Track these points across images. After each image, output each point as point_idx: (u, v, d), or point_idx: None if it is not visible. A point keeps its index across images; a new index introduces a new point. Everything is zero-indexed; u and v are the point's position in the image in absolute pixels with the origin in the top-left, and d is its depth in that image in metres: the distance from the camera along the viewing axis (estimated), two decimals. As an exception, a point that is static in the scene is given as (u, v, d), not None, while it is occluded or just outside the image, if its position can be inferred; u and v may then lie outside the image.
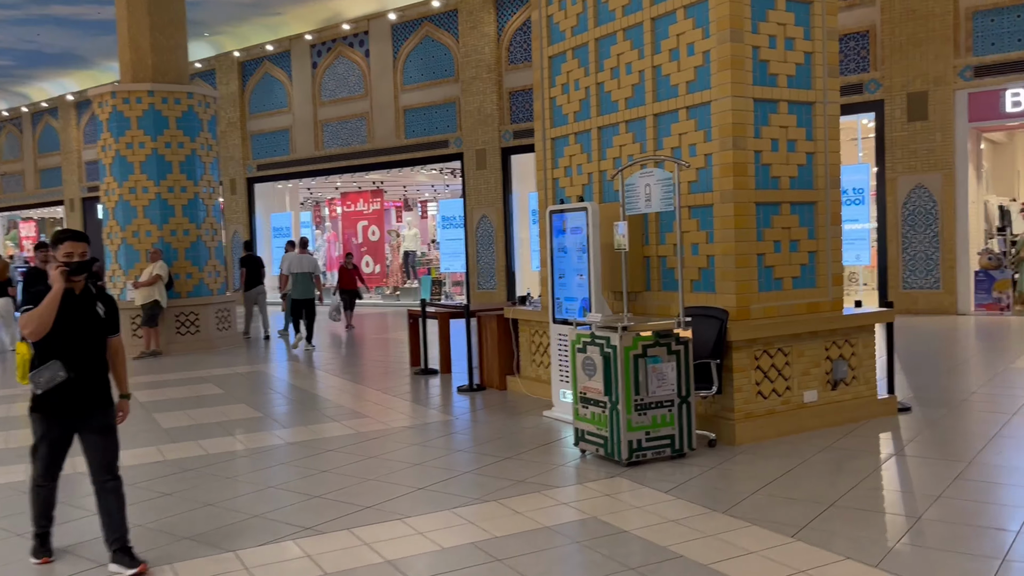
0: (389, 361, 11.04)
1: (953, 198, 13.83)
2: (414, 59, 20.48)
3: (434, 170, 21.37)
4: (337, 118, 22.24)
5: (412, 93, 20.62)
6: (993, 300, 13.62)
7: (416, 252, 21.84)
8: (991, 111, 13.54)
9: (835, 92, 6.63)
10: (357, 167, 21.83)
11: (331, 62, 22.19)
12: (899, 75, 14.18)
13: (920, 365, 8.91)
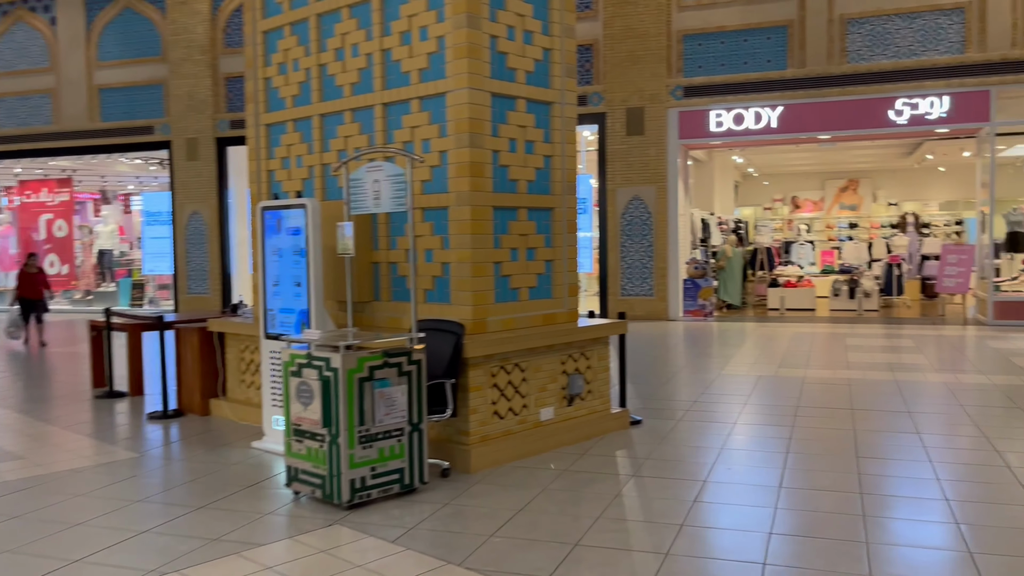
0: (69, 382, 9.25)
1: (665, 210, 14.61)
2: (112, 32, 18.02)
3: (138, 159, 18.96)
4: (14, 93, 18.98)
5: (110, 71, 18.12)
6: (698, 307, 14.58)
7: (114, 251, 19.24)
8: (698, 130, 14.49)
9: (572, 94, 6.33)
10: (39, 151, 18.78)
11: (8, 28, 18.90)
12: (619, 90, 14.73)
13: (644, 373, 9.04)
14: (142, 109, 17.92)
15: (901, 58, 13.32)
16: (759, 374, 8.86)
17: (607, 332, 6.43)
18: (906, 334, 12.18)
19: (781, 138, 14.23)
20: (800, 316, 15.30)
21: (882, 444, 5.89)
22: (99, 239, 19.14)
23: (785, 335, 12.26)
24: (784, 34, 13.90)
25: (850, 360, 9.66)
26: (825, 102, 13.74)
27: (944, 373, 8.72)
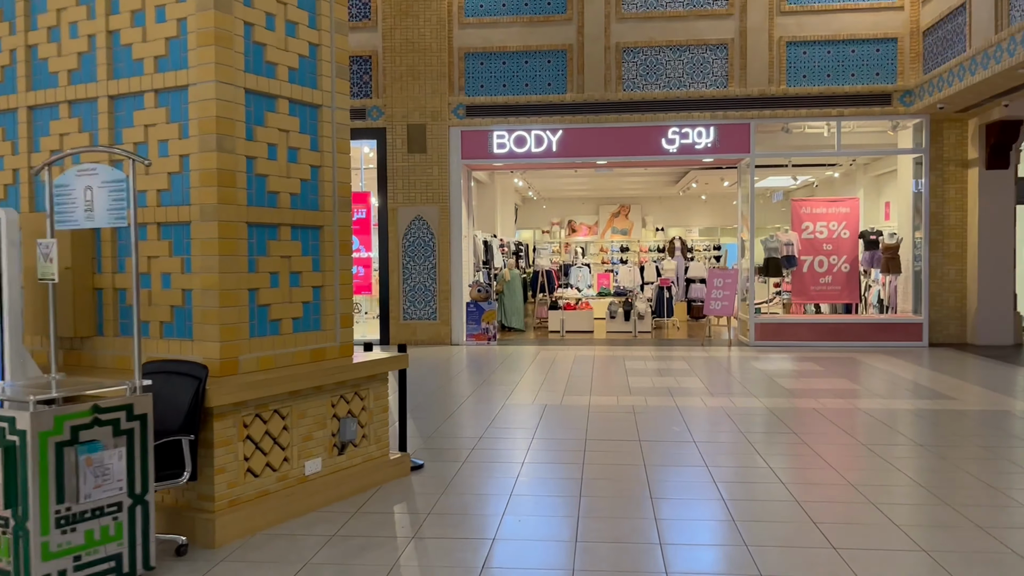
0: None
1: (449, 231, 14.15)
2: None
3: None
4: None
5: None
6: (482, 330, 14.22)
7: None
8: (481, 150, 14.20)
9: (345, 97, 5.59)
10: None
11: None
12: (400, 105, 14.12)
13: (427, 406, 8.40)
14: None
15: (672, 89, 13.82)
16: (545, 402, 8.52)
17: (386, 367, 5.71)
18: (679, 356, 12.51)
19: (561, 162, 14.27)
20: (580, 338, 15.41)
21: (674, 482, 5.64)
22: None
23: (567, 358, 12.16)
24: (564, 58, 13.98)
25: (632, 385, 9.61)
26: (603, 128, 13.95)
27: (719, 397, 8.84)
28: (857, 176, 17.86)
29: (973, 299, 13.53)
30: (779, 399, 8.67)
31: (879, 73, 13.43)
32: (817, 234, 14.41)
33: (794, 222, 14.56)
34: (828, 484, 5.48)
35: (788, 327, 13.91)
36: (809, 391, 9.16)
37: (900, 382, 9.95)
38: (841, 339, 13.63)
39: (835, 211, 14.44)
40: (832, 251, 14.35)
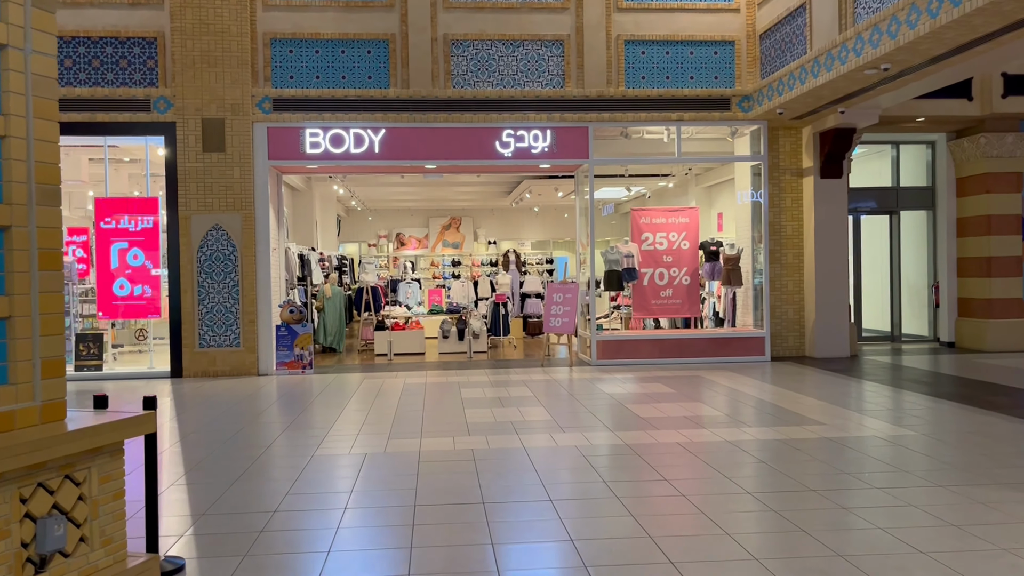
0: None
1: (254, 243, 12.21)
2: None
3: None
4: None
5: None
6: (295, 357, 12.35)
7: None
8: (292, 150, 12.38)
9: (49, 38, 3.81)
10: None
11: None
12: (193, 96, 12.05)
13: (208, 466, 6.57)
14: None
15: (506, 87, 12.63)
16: (365, 450, 6.93)
17: (119, 434, 3.93)
18: (519, 380, 11.26)
19: (385, 165, 12.71)
20: (410, 362, 13.87)
21: (532, 568, 4.25)
22: None
23: (395, 388, 10.59)
24: (386, 49, 12.46)
25: (470, 420, 8.20)
26: (431, 127, 12.54)
27: (571, 432, 7.61)
28: (689, 187, 17.51)
29: (811, 311, 13.24)
30: (637, 432, 7.55)
31: (718, 77, 12.88)
32: (657, 245, 13.69)
33: (633, 232, 13.77)
34: (732, 561, 4.29)
35: (630, 344, 13.04)
36: (666, 420, 8.12)
37: (755, 404, 9.17)
38: (685, 355, 12.92)
39: (675, 221, 13.78)
40: (673, 263, 13.67)
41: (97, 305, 12.33)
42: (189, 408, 9.67)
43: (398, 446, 7.06)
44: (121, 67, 12.03)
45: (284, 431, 7.86)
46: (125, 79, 12.05)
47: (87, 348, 12.19)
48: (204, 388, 10.98)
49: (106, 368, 12.30)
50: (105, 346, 13.99)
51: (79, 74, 11.97)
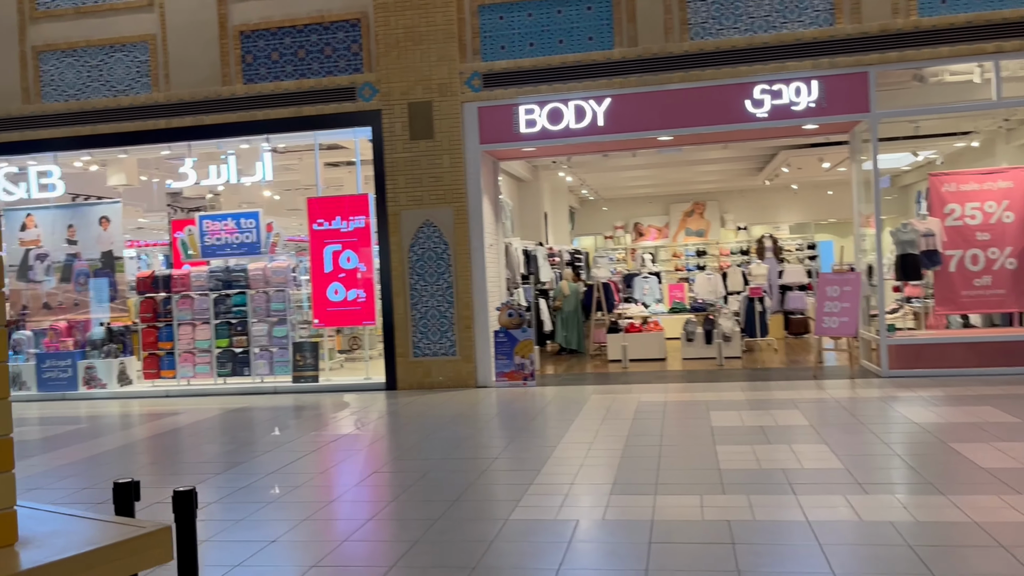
0: None
1: (467, 239, 10.83)
2: None
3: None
4: None
5: None
6: (515, 367, 10.80)
7: None
8: (504, 131, 10.85)
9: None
10: None
11: None
12: (398, 79, 10.90)
13: (360, 539, 5.04)
14: None
15: (757, 32, 10.21)
16: (576, 514, 5.06)
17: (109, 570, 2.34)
18: (786, 399, 8.85)
19: (611, 140, 10.79)
20: (647, 370, 11.86)
21: None
22: None
23: (627, 408, 8.65)
24: (608, 3, 10.53)
25: (724, 465, 6.05)
26: (665, 90, 10.43)
27: (877, 492, 5.22)
28: (997, 145, 13.79)
29: None
30: (983, 495, 5.00)
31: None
32: (967, 219, 10.53)
33: (933, 204, 10.71)
34: None
35: (935, 349, 10.07)
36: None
37: None
38: (1014, 364, 9.73)
39: (992, 187, 10.53)
40: (990, 241, 10.45)
41: (313, 312, 11.61)
42: (391, 431, 8.40)
43: (623, 508, 5.11)
44: (326, 55, 11.17)
45: (481, 476, 6.19)
46: (330, 67, 11.17)
47: (303, 358, 11.49)
48: (415, 404, 9.74)
49: (322, 379, 11.53)
50: (331, 353, 13.41)
51: (286, 67, 11.27)
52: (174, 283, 11.92)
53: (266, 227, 11.98)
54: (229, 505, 5.56)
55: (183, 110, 11.40)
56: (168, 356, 11.89)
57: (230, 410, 10.06)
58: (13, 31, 11.78)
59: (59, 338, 12.15)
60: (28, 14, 11.77)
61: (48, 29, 11.74)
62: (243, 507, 5.52)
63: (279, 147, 14.47)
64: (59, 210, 12.49)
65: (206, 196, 19.48)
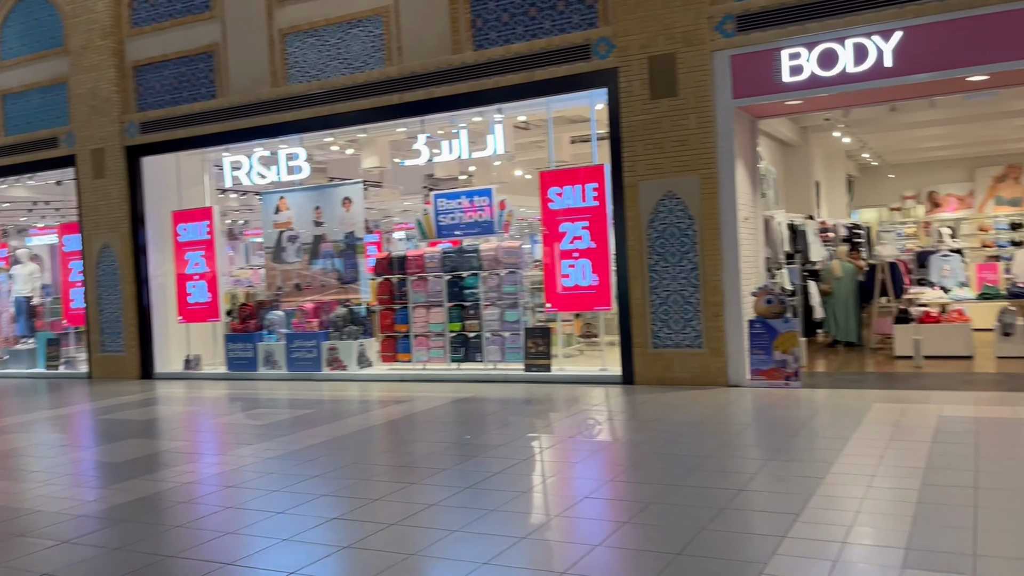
0: None
1: (716, 212, 9.26)
2: (15, 22, 14.31)
3: (50, 181, 15.14)
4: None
5: (13, 71, 14.40)
6: (775, 364, 9.08)
7: (31, 298, 15.49)
8: (763, 82, 9.10)
9: None
10: (-54, 178, 15.28)
11: (-91, 29, 15.56)
12: (637, 30, 9.55)
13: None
14: (46, 116, 14.08)
15: (1120, -78, 7.54)
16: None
17: None
18: None
19: (901, 84, 8.60)
20: (949, 370, 9.55)
21: None
22: (16, 283, 15.49)
23: (922, 427, 6.70)
24: (900, -90, 8.36)
25: (1080, 530, 4.13)
26: (979, 15, 8.10)
27: None
28: None
29: None
30: None
31: None
32: None
33: None
34: None
35: None
36: None
37: None
38: None
39: None
40: None
41: (545, 295, 10.68)
42: (622, 437, 7.19)
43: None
44: (558, 10, 10.08)
45: (719, 515, 4.76)
46: (563, 24, 10.07)
47: (535, 344, 10.60)
48: (652, 404, 8.43)
49: (555, 368, 10.57)
50: (569, 339, 12.46)
51: (516, 28, 10.35)
52: (408, 264, 11.57)
53: (499, 204, 11.22)
54: (448, 509, 4.68)
55: (414, 83, 10.91)
56: (404, 339, 11.59)
57: (460, 399, 9.42)
58: (262, 16, 12.00)
59: (306, 319, 12.32)
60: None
61: (292, 11, 11.80)
62: (459, 513, 4.63)
63: (519, 119, 13.74)
64: (308, 192, 12.65)
65: (457, 176, 19.49)
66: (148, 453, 7.32)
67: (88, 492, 6.01)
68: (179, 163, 13.32)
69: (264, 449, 7.15)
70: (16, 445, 8.07)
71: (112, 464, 6.95)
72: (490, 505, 5.09)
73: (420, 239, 11.92)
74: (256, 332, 12.63)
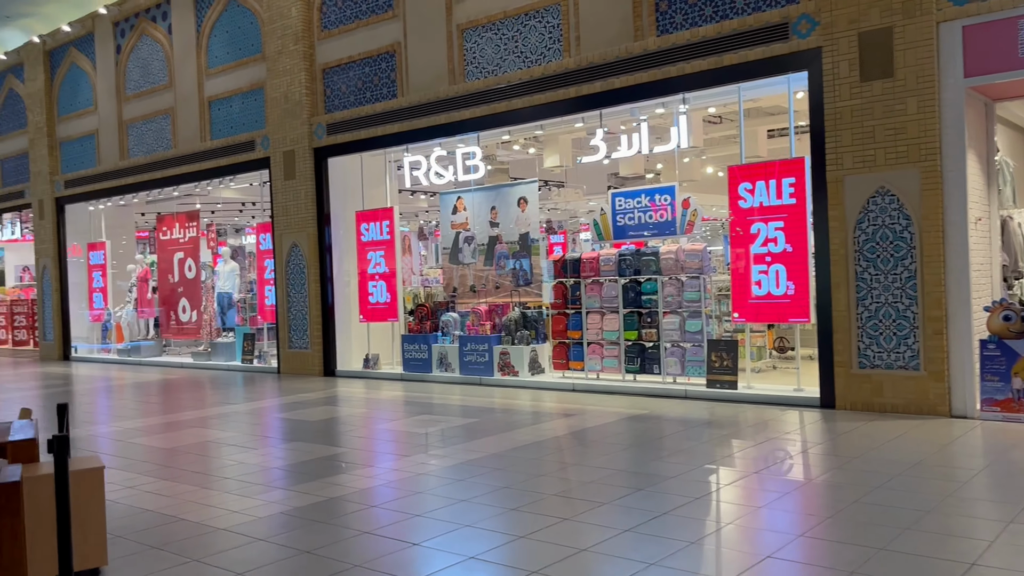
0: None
1: (941, 211, 7.88)
2: (220, 32, 15.15)
3: (254, 183, 15.90)
4: (142, 116, 16.96)
5: (218, 78, 15.25)
6: (1014, 393, 7.57)
7: (232, 294, 16.33)
8: (1004, 56, 7.62)
9: None
10: (161, 181, 16.49)
11: (135, 43, 16.97)
12: (844, 3, 8.33)
13: None
14: (245, 120, 14.77)
15: None
16: None
17: None
18: None
19: None
20: None
21: None
22: (220, 280, 16.40)
23: None
24: None
25: None
26: None
27: None
28: None
29: None
30: None
31: None
32: None
33: None
34: None
35: None
36: None
37: None
38: None
39: None
40: None
41: (732, 304, 9.65)
42: (818, 476, 6.14)
43: None
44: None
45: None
46: (758, 2, 9.02)
47: (719, 358, 9.61)
48: (857, 435, 7.26)
49: (741, 384, 9.52)
50: (760, 352, 11.33)
51: (704, 9, 9.41)
52: (583, 267, 10.92)
53: (683, 203, 10.32)
54: (599, 557, 4.04)
55: (592, 74, 10.24)
56: (576, 346, 10.96)
57: (635, 415, 8.67)
58: (441, 11, 11.80)
59: (479, 321, 12.01)
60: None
61: (471, 5, 11.51)
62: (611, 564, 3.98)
63: (709, 111, 12.74)
64: (484, 192, 12.34)
65: (644, 174, 18.61)
66: (327, 455, 7.31)
67: (273, 492, 6.03)
68: (363, 163, 13.47)
69: (434, 458, 7.00)
70: (207, 439, 8.27)
71: (294, 464, 6.98)
72: (649, 555, 4.33)
73: (597, 240, 11.24)
74: (432, 333, 12.49)
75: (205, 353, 15.99)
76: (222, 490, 6.15)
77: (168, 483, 6.44)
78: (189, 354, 16.63)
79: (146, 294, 17.62)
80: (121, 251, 18.80)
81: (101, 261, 18.43)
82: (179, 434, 8.62)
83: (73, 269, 18.94)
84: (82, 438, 8.60)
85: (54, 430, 8.63)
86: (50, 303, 19.17)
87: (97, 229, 18.79)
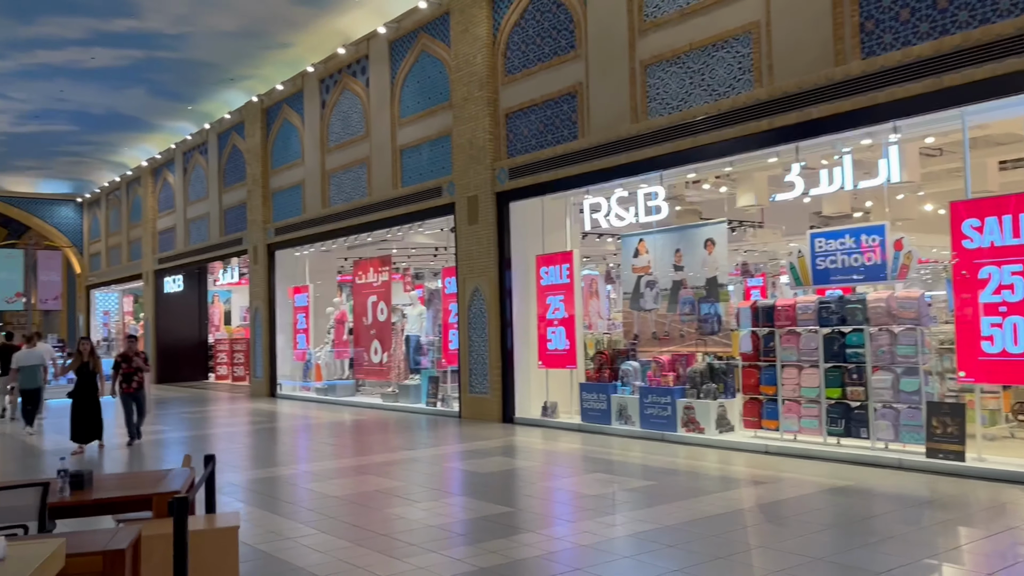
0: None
1: None
2: (411, 82, 15.65)
3: (444, 228, 16.10)
4: (342, 166, 17.84)
5: (409, 128, 15.73)
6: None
7: (420, 336, 16.54)
8: None
9: None
10: (357, 227, 17.16)
11: (337, 98, 17.94)
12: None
13: None
14: (433, 167, 15.04)
15: None
16: None
17: None
18: None
19: None
20: None
21: None
22: (408, 323, 16.67)
23: None
24: None
25: None
26: None
27: None
28: None
29: None
30: None
31: None
32: None
33: None
34: None
35: None
36: None
37: None
38: None
39: None
40: None
41: (957, 360, 8.28)
42: None
43: None
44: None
45: None
46: (986, 12, 7.79)
47: (941, 424, 8.24)
48: None
49: (970, 457, 8.08)
50: (993, 416, 9.71)
51: (919, 25, 8.30)
52: (777, 315, 9.89)
53: (894, 244, 9.08)
54: None
55: (786, 105, 9.35)
56: (770, 403, 9.91)
57: (838, 487, 7.57)
58: (624, 49, 11.36)
59: (661, 371, 11.24)
60: (636, 28, 11.22)
61: (655, 40, 10.98)
62: None
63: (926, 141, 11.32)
64: (668, 234, 11.65)
65: (851, 212, 17.04)
66: (505, 511, 6.99)
67: (455, 550, 5.81)
68: (544, 207, 13.22)
69: (612, 524, 6.53)
70: (379, 487, 8.14)
71: (472, 520, 6.72)
72: None
73: (795, 286, 10.19)
74: (610, 382, 11.87)
75: (393, 394, 16.28)
76: (373, 548, 5.86)
77: (325, 536, 6.26)
78: (379, 395, 17.02)
79: (342, 335, 18.33)
80: (319, 295, 19.75)
81: (305, 303, 19.46)
82: (353, 480, 8.55)
83: (281, 311, 20.14)
84: (259, 480, 8.77)
85: (228, 474, 8.84)
86: (260, 343, 20.47)
87: (302, 273, 19.91)
